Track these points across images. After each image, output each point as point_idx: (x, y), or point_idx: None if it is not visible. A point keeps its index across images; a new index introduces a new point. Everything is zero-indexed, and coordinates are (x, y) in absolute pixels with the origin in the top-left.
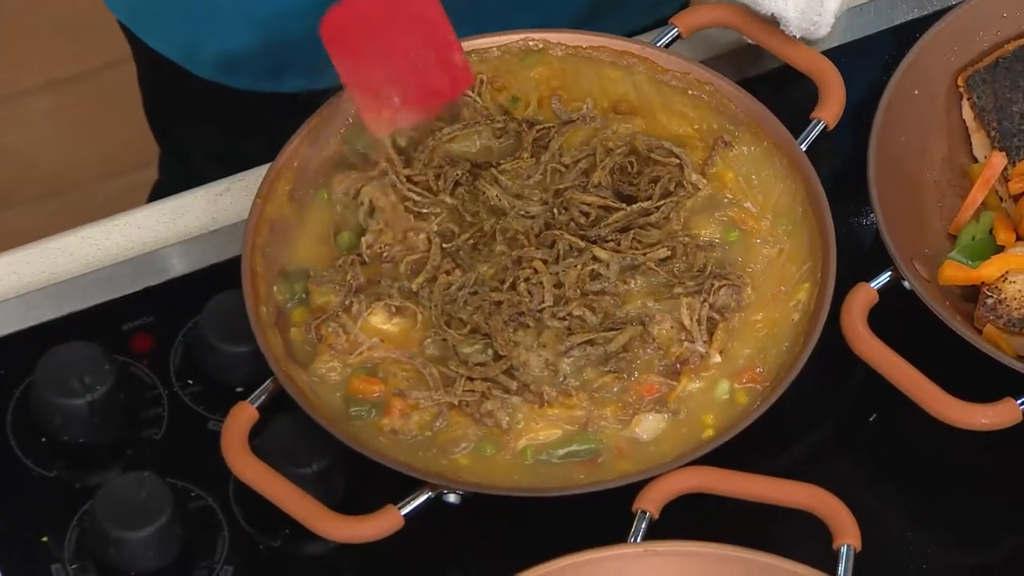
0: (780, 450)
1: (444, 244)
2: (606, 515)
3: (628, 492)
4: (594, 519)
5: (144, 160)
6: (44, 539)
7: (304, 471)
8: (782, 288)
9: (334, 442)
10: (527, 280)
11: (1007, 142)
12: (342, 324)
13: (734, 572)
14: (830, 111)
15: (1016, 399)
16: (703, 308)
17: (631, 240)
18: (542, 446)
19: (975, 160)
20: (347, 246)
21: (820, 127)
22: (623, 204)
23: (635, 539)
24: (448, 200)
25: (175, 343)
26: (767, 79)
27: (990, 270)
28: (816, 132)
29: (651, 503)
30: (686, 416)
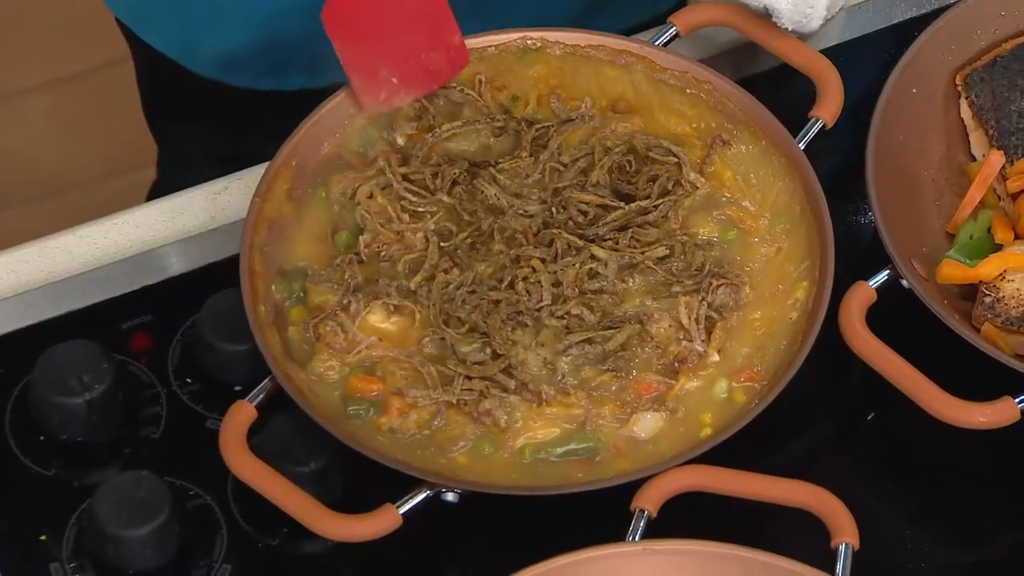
0: (778, 449)
1: (442, 243)
2: (604, 514)
3: (626, 491)
4: (592, 518)
5: (142, 159)
6: (43, 538)
7: (302, 470)
8: (780, 287)
9: (332, 441)
10: (525, 279)
11: (1005, 141)
12: (340, 323)
13: (732, 571)
14: (828, 110)
15: (1014, 397)
16: (701, 307)
17: (629, 239)
18: (540, 445)
19: (973, 159)
20: (345, 245)
21: (818, 126)
22: (621, 203)
23: (633, 538)
24: (445, 199)
25: (173, 342)
26: (765, 78)
27: (988, 269)
28: (814, 131)
29: (649, 502)
30: (684, 415)
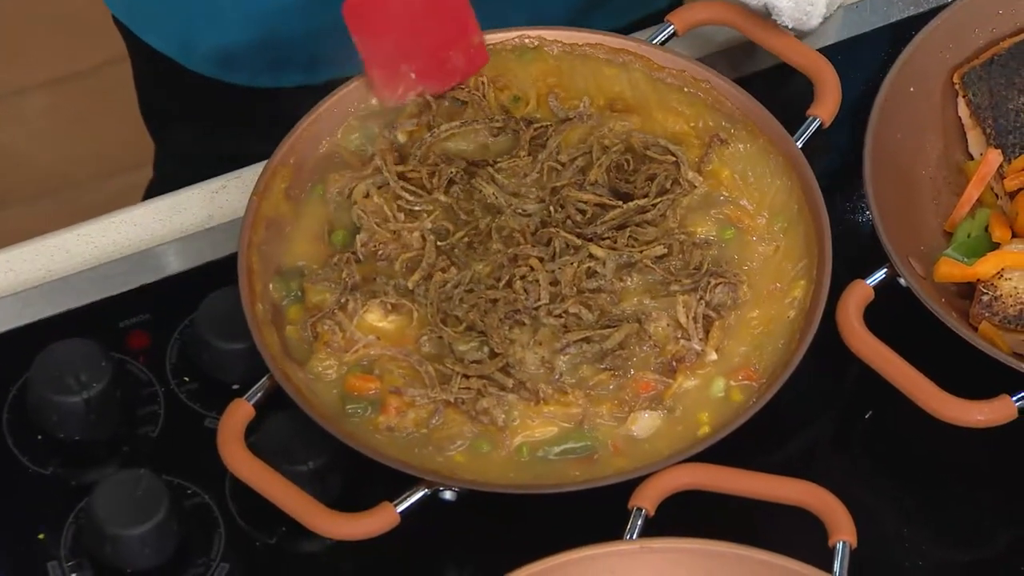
0: (776, 447)
1: (439, 242)
2: (602, 512)
3: (624, 489)
4: (590, 516)
5: (140, 158)
6: (40, 536)
7: (300, 468)
8: (778, 285)
9: (330, 439)
10: (523, 278)
11: (1002, 139)
12: (338, 322)
13: (730, 569)
14: (826, 108)
15: (1011, 396)
16: (699, 306)
17: (627, 238)
18: (538, 443)
19: (971, 157)
20: (342, 244)
21: (816, 124)
22: (619, 202)
23: (631, 536)
24: (442, 198)
25: (171, 340)
26: (763, 76)
27: (986, 267)
28: (812, 129)
29: (647, 500)
30: (682, 413)
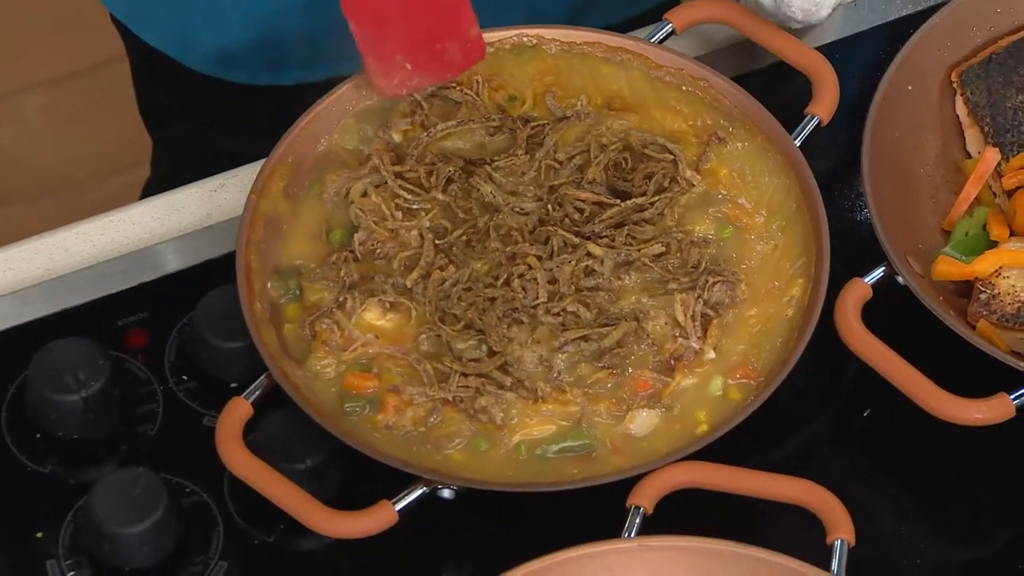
0: (774, 445)
1: (437, 240)
2: (600, 510)
3: (622, 488)
4: (588, 514)
5: (139, 156)
6: (39, 535)
7: (299, 467)
8: (776, 284)
9: (329, 438)
10: (521, 276)
11: (1000, 138)
12: (336, 320)
13: (728, 567)
14: (824, 106)
15: (1009, 394)
16: (697, 304)
17: (625, 236)
18: (536, 442)
19: (968, 156)
20: (340, 243)
21: (814, 122)
22: (617, 200)
23: (629, 534)
24: (440, 197)
25: (170, 339)
26: (761, 75)
27: (983, 265)
28: (810, 127)
29: (645, 498)
30: (680, 412)
